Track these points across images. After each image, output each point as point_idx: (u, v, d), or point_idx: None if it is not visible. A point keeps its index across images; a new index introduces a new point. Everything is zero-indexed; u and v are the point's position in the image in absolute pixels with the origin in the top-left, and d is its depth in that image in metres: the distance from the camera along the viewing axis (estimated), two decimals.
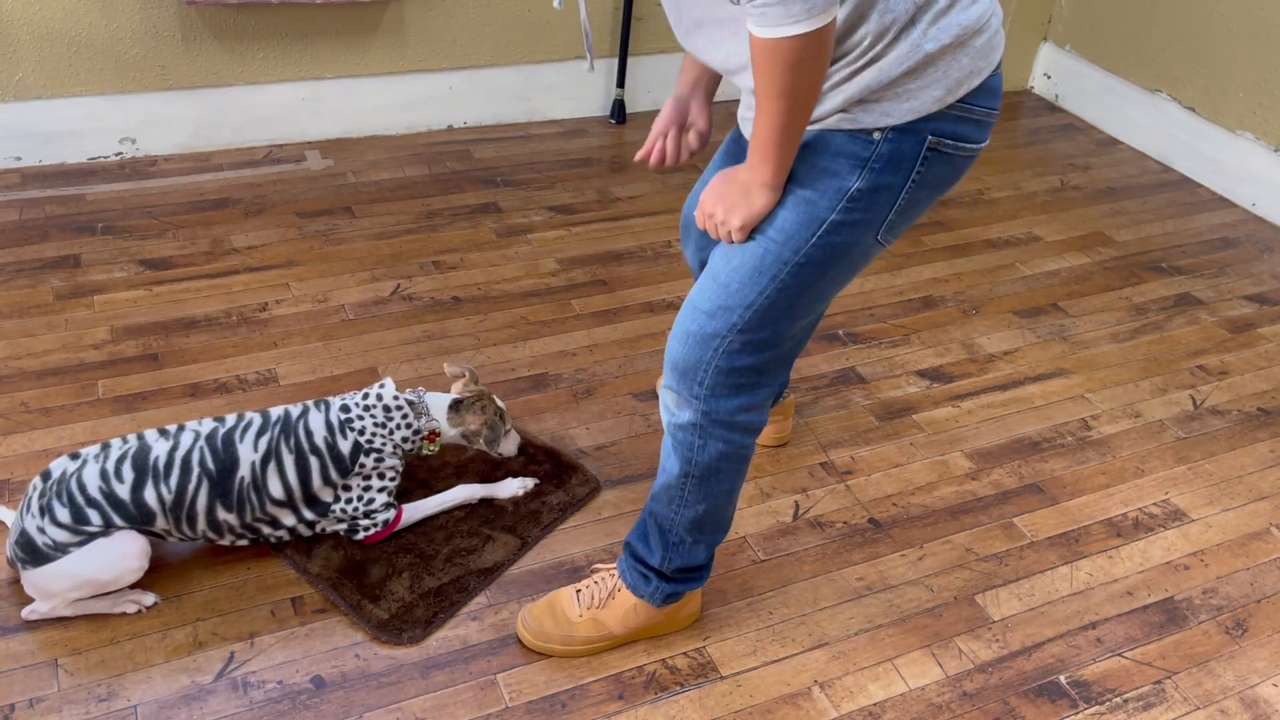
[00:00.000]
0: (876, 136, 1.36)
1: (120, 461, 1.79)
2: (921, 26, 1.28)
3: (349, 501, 1.92)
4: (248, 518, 1.85)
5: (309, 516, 1.90)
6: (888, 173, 1.38)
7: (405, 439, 1.94)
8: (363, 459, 1.90)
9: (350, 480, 1.91)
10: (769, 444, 2.30)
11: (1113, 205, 3.42)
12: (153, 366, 2.39)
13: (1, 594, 1.85)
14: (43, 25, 2.90)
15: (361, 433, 1.90)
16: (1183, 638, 1.96)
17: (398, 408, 1.93)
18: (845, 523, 2.14)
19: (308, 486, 1.87)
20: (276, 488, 1.85)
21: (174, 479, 1.79)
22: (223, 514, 1.83)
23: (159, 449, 1.81)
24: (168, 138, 3.19)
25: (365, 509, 1.93)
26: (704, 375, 1.54)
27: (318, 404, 1.93)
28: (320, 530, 1.95)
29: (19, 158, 3.06)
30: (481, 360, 2.48)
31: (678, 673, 1.82)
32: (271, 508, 1.86)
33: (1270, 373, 2.68)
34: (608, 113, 3.70)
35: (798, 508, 2.17)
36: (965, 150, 1.42)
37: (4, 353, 2.39)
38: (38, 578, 1.75)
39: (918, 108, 1.33)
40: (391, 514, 1.96)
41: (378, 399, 1.93)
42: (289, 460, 1.85)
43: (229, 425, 1.87)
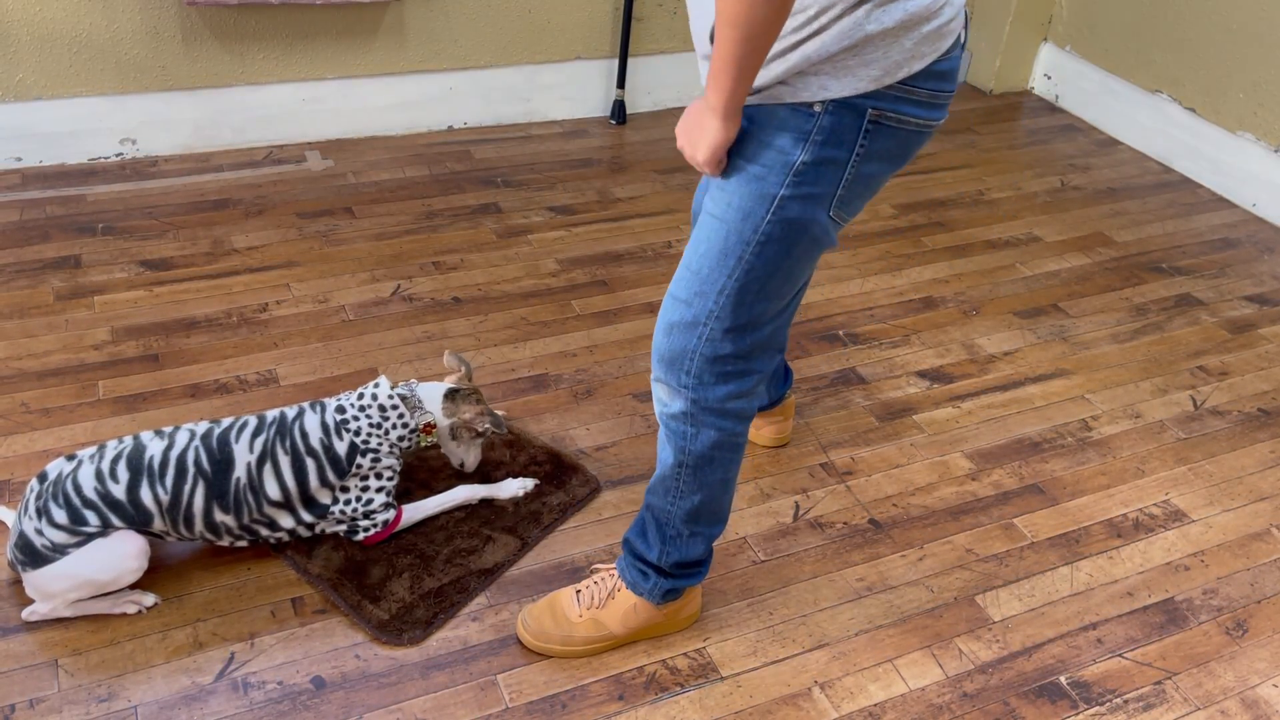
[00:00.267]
0: (817, 109, 1.38)
1: (115, 462, 1.79)
2: (867, 8, 1.31)
3: (347, 503, 1.91)
4: (245, 519, 1.85)
5: (307, 519, 1.90)
6: (830, 145, 1.41)
7: (401, 438, 1.94)
8: (359, 460, 1.90)
9: (348, 482, 1.91)
10: (769, 444, 2.30)
11: (1113, 206, 3.42)
12: (153, 367, 2.39)
13: (2, 595, 1.85)
14: (43, 26, 2.91)
15: (357, 434, 1.89)
16: (1183, 638, 1.96)
17: (393, 407, 1.93)
18: (845, 523, 2.14)
19: (305, 488, 1.87)
20: (273, 489, 1.85)
21: (169, 479, 1.79)
22: (220, 515, 1.83)
23: (154, 449, 1.81)
24: (168, 138, 3.19)
25: (364, 510, 1.93)
26: (690, 364, 1.57)
27: (313, 405, 1.92)
28: (320, 532, 1.95)
29: (19, 158, 3.06)
30: (482, 361, 2.48)
31: (678, 673, 1.82)
32: (269, 509, 1.86)
33: (1270, 373, 2.68)
34: (608, 113, 3.70)
35: (798, 508, 2.17)
36: (910, 124, 1.43)
37: (4, 353, 2.39)
38: (37, 579, 1.75)
39: (855, 85, 1.36)
40: (391, 514, 1.96)
41: (373, 399, 1.92)
42: (285, 462, 1.85)
43: (224, 426, 1.87)
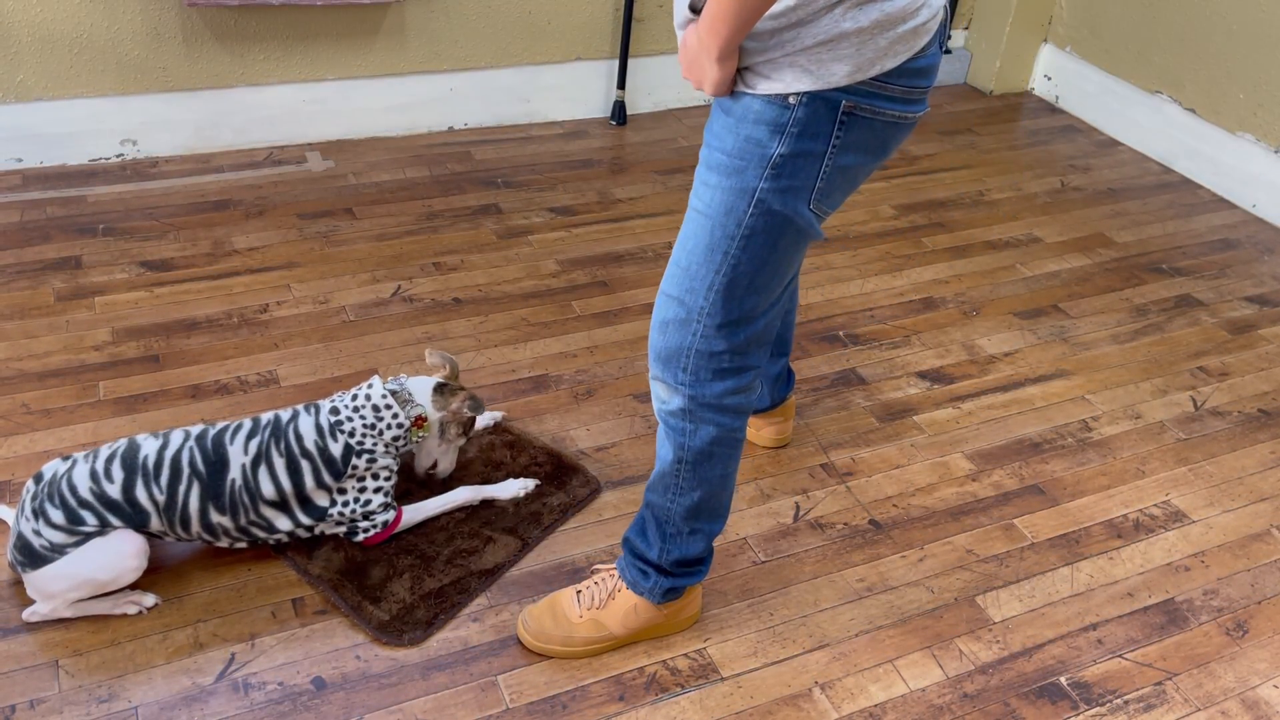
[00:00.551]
0: (792, 101, 1.39)
1: (109, 461, 1.79)
2: (844, 7, 1.32)
3: (346, 504, 1.91)
4: (242, 520, 1.85)
5: (305, 521, 1.90)
6: (806, 138, 1.41)
7: (396, 438, 1.94)
8: (355, 461, 1.89)
9: (345, 483, 1.91)
10: (770, 445, 2.30)
11: (1113, 206, 3.42)
12: (154, 368, 2.39)
13: (2, 596, 1.85)
14: (44, 27, 2.91)
15: (351, 435, 1.89)
16: (1183, 639, 1.96)
17: (386, 407, 1.92)
18: (846, 524, 2.14)
19: (300, 489, 1.87)
20: (269, 489, 1.85)
21: (164, 479, 1.79)
22: (216, 516, 1.83)
23: (148, 448, 1.82)
24: (169, 139, 3.19)
25: (364, 511, 1.93)
26: (686, 361, 1.57)
27: (307, 408, 1.92)
28: (319, 534, 1.95)
29: (20, 159, 3.06)
30: (482, 361, 2.48)
31: (678, 674, 1.82)
32: (265, 509, 1.86)
33: (1271, 374, 2.68)
34: (608, 114, 3.70)
35: (798, 509, 2.17)
36: (886, 116, 1.43)
37: (5, 354, 2.39)
38: (37, 579, 1.75)
39: (827, 78, 1.37)
40: (391, 515, 1.96)
41: (366, 399, 1.92)
42: (280, 464, 1.85)
43: (219, 428, 1.87)
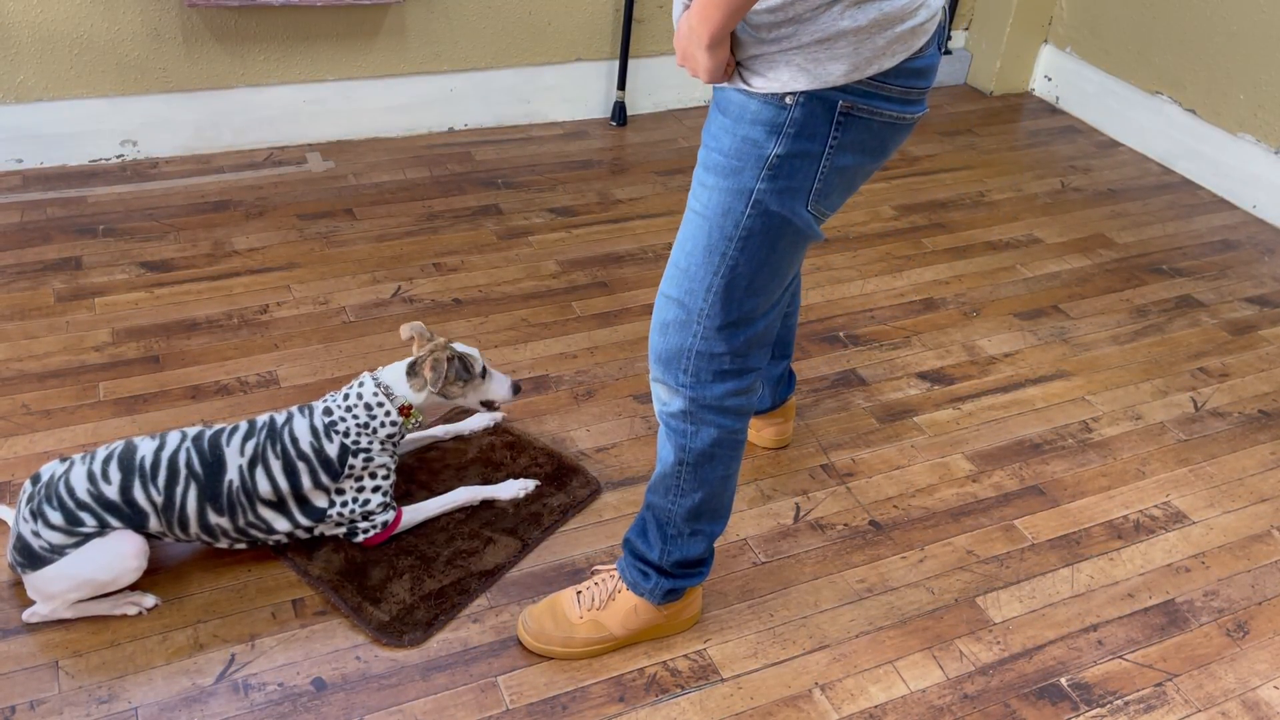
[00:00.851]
0: (789, 101, 1.39)
1: (106, 463, 1.79)
2: (842, 5, 1.32)
3: (345, 505, 1.91)
4: (240, 521, 1.85)
5: (304, 521, 1.90)
6: (803, 138, 1.41)
7: (390, 435, 1.93)
8: (351, 460, 1.89)
9: (343, 484, 1.91)
10: (770, 446, 2.30)
11: (1113, 207, 3.42)
12: (154, 369, 2.39)
13: (2, 597, 1.85)
14: (44, 27, 2.91)
15: (346, 434, 1.89)
16: (1184, 640, 1.96)
17: (379, 404, 1.91)
18: (846, 525, 2.14)
19: (298, 489, 1.87)
20: (265, 488, 1.85)
21: (161, 479, 1.79)
22: (214, 517, 1.83)
23: (145, 449, 1.82)
24: (169, 140, 3.19)
25: (363, 511, 1.93)
26: (686, 363, 1.57)
27: (302, 409, 1.92)
28: (319, 534, 1.95)
29: (20, 160, 3.06)
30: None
31: (679, 675, 1.82)
32: (263, 510, 1.86)
33: (1271, 375, 2.68)
34: (608, 115, 3.70)
35: (798, 510, 2.17)
36: (883, 117, 1.42)
37: (5, 355, 2.39)
38: (37, 580, 1.75)
39: (824, 77, 1.36)
40: (391, 516, 1.96)
41: (358, 398, 1.91)
42: (276, 466, 1.85)
43: (215, 429, 1.88)
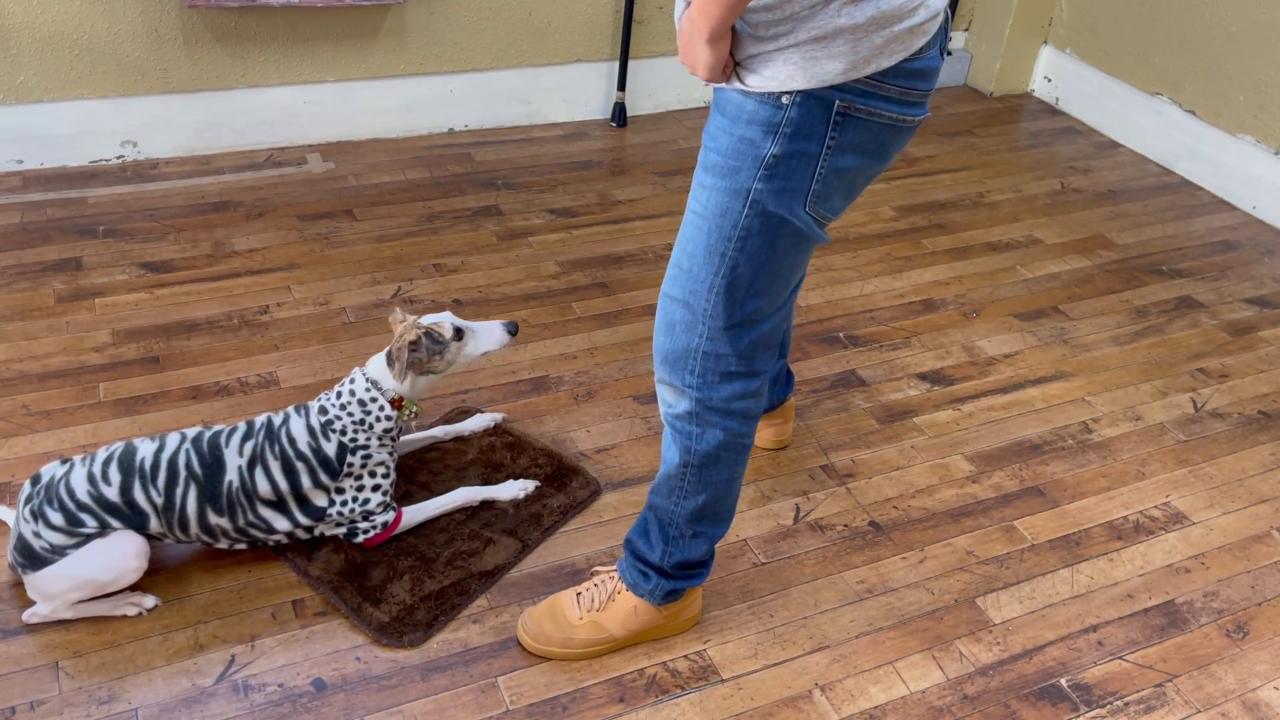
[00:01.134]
0: (785, 100, 1.38)
1: (106, 464, 1.79)
2: (838, 4, 1.32)
3: (344, 504, 1.91)
4: (240, 521, 1.85)
5: (304, 521, 1.90)
6: (800, 138, 1.40)
7: (387, 430, 1.93)
8: (350, 458, 1.89)
9: (342, 483, 1.91)
10: (770, 447, 2.30)
11: (1113, 208, 3.42)
12: (154, 369, 2.39)
13: (2, 597, 1.85)
14: (44, 28, 2.91)
15: (343, 433, 1.89)
16: (1184, 641, 1.96)
17: (372, 400, 1.90)
18: (846, 525, 2.14)
19: (297, 488, 1.87)
20: (265, 488, 1.85)
21: (161, 480, 1.79)
22: (214, 518, 1.83)
23: (145, 450, 1.82)
24: (169, 141, 3.19)
25: (363, 511, 1.93)
26: (692, 364, 1.56)
27: (298, 409, 1.92)
28: (319, 535, 1.95)
29: (20, 161, 3.06)
30: (482, 363, 2.48)
31: (679, 675, 1.82)
32: (263, 510, 1.86)
33: (1271, 375, 2.68)
34: (608, 115, 3.70)
35: (798, 510, 2.17)
36: (882, 118, 1.41)
37: (5, 355, 2.39)
38: (38, 580, 1.75)
39: (821, 76, 1.35)
40: (391, 516, 1.96)
41: (351, 395, 1.91)
42: (275, 466, 1.85)
43: (214, 430, 1.88)
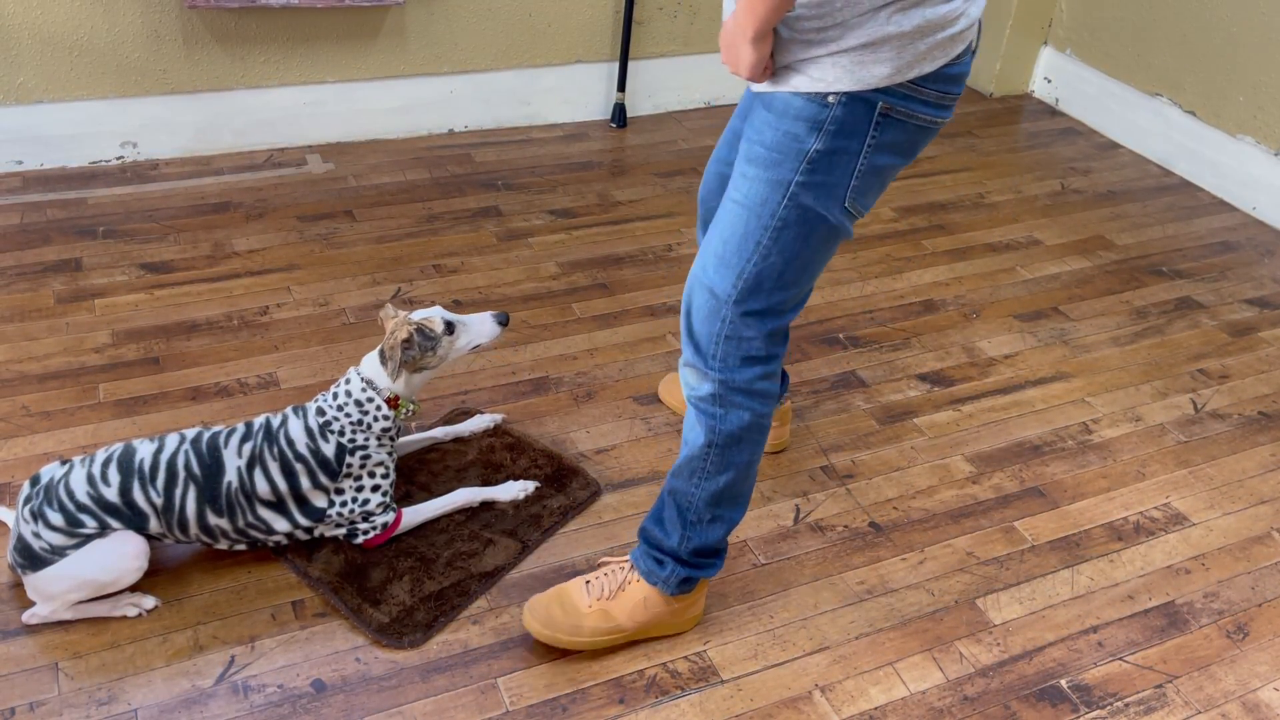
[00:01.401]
0: (831, 100, 1.45)
1: (105, 465, 1.79)
2: (889, 11, 1.38)
3: (344, 505, 1.91)
4: (239, 522, 1.85)
5: (303, 522, 1.90)
6: (843, 136, 1.47)
7: (386, 429, 1.93)
8: (349, 459, 1.89)
9: (342, 483, 1.91)
10: (768, 449, 2.29)
11: (1113, 209, 3.42)
12: (154, 370, 2.39)
13: (2, 598, 1.85)
14: (44, 29, 2.91)
15: (341, 433, 1.89)
16: (1184, 642, 1.96)
17: (369, 399, 1.90)
18: (846, 526, 2.14)
19: (296, 489, 1.87)
20: (264, 488, 1.85)
21: (160, 481, 1.79)
22: (214, 519, 1.83)
23: (144, 451, 1.82)
24: (169, 141, 3.19)
25: (363, 512, 1.93)
26: (715, 348, 1.62)
27: (296, 410, 1.91)
28: (319, 535, 1.95)
29: (20, 161, 3.06)
30: (482, 363, 2.48)
31: (678, 676, 1.82)
32: (262, 511, 1.86)
33: (1271, 376, 2.68)
34: (608, 116, 3.70)
35: (798, 511, 2.17)
36: (918, 119, 1.49)
37: (5, 356, 2.39)
38: (38, 581, 1.75)
39: (866, 79, 1.42)
40: (390, 517, 1.96)
41: (347, 395, 1.90)
42: (274, 468, 1.85)
43: (214, 431, 1.87)
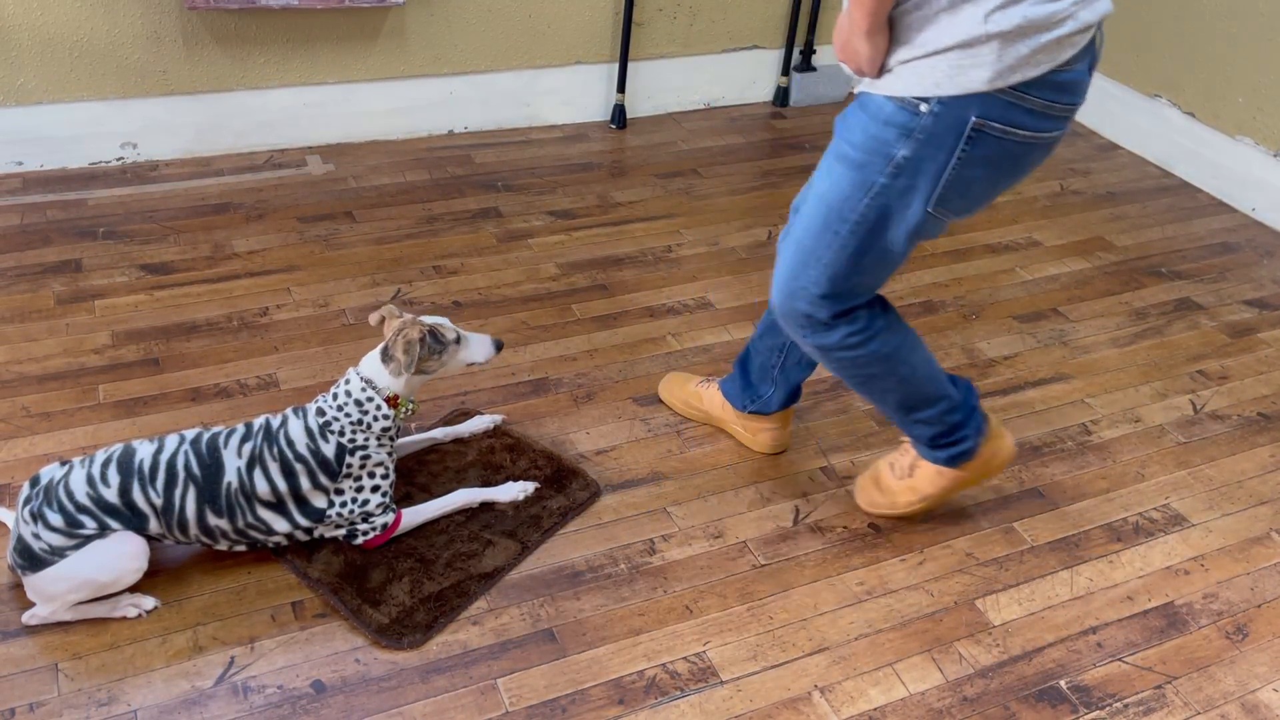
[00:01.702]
0: (923, 109, 1.46)
1: (105, 466, 1.79)
2: (987, 9, 1.37)
3: (344, 505, 1.91)
4: (239, 523, 1.85)
5: (303, 522, 1.90)
6: (931, 145, 1.49)
7: (386, 429, 1.92)
8: (349, 459, 1.89)
9: (342, 484, 1.91)
10: (767, 451, 2.29)
11: (1113, 210, 3.42)
12: (154, 371, 2.39)
13: (2, 599, 1.85)
14: (45, 30, 2.91)
15: (341, 434, 1.88)
16: (1183, 643, 1.96)
17: (369, 399, 1.90)
18: (845, 527, 2.14)
19: (296, 490, 1.87)
20: (264, 488, 1.85)
21: (160, 482, 1.79)
22: (213, 519, 1.83)
23: (143, 452, 1.82)
24: (169, 142, 3.19)
25: (362, 512, 1.93)
26: (802, 320, 1.79)
27: (296, 411, 1.91)
28: (319, 536, 1.95)
29: (21, 162, 3.07)
30: (473, 370, 2.48)
31: (678, 677, 1.82)
32: (262, 511, 1.86)
33: (1270, 377, 2.68)
34: (608, 118, 3.70)
35: (798, 512, 2.17)
36: (1016, 135, 1.48)
37: (5, 357, 2.39)
38: (37, 582, 1.75)
39: (965, 84, 1.42)
40: (390, 517, 1.96)
41: (347, 395, 1.90)
42: (274, 467, 1.85)
43: (213, 432, 1.88)
